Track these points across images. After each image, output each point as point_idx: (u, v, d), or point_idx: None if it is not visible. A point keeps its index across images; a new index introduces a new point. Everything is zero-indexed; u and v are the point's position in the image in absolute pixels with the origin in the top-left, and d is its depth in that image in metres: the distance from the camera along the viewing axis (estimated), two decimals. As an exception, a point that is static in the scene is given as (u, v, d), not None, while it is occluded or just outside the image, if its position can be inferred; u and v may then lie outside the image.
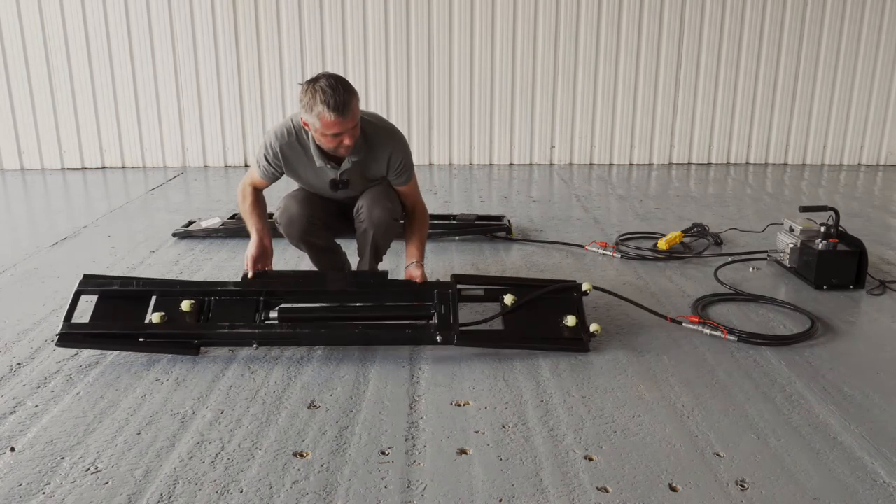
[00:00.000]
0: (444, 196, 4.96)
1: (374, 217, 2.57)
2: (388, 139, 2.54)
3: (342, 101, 2.23)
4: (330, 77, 2.28)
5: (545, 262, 3.45)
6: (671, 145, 6.26)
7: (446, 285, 2.49)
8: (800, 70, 6.08)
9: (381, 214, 2.57)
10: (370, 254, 2.67)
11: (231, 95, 5.89)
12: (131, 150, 5.98)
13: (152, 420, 1.99)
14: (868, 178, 5.77)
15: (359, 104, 2.35)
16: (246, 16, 5.72)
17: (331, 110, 2.22)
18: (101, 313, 2.41)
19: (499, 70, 5.95)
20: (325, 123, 2.26)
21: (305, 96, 2.27)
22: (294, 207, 2.61)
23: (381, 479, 1.73)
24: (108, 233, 3.96)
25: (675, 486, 1.70)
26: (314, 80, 2.28)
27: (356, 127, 2.35)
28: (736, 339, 2.50)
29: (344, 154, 2.44)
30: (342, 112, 2.24)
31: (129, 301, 2.45)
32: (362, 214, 2.60)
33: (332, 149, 2.40)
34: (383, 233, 2.62)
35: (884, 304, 2.92)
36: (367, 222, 2.58)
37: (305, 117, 2.32)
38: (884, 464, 1.79)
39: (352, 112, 2.27)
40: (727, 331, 2.52)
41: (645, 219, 4.33)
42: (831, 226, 3.10)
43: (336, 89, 2.24)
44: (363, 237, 2.65)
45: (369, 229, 2.59)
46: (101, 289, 2.47)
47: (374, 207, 2.57)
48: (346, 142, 2.34)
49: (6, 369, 2.30)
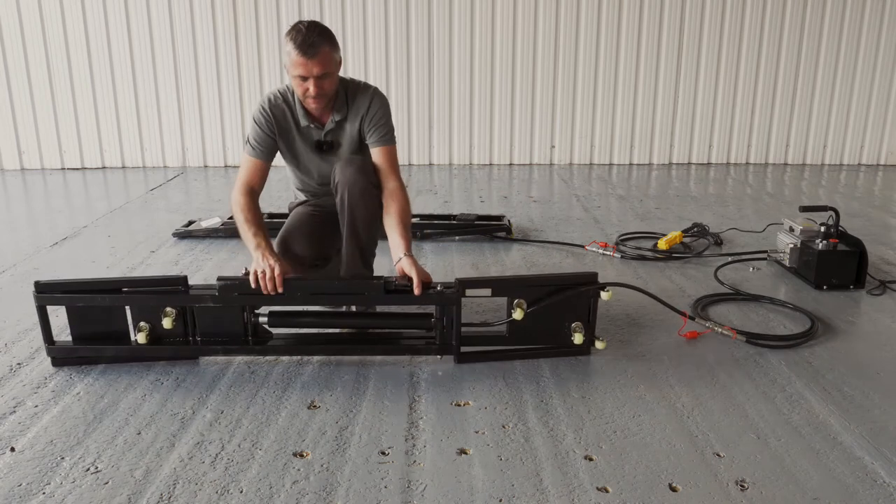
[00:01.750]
0: (444, 196, 4.96)
1: (347, 176, 2.40)
2: (366, 90, 2.49)
3: (309, 41, 2.21)
4: (312, 22, 2.28)
5: (545, 261, 3.45)
6: (671, 145, 6.26)
7: (451, 299, 2.27)
8: (800, 70, 6.08)
9: (353, 174, 2.40)
10: (347, 227, 2.47)
11: (231, 95, 5.89)
12: (131, 150, 5.98)
13: (152, 420, 1.99)
14: (868, 178, 5.77)
15: (334, 55, 2.30)
16: (246, 16, 5.72)
17: (296, 47, 2.22)
18: (79, 328, 2.27)
19: (499, 70, 5.95)
20: (292, 62, 2.25)
21: (285, 36, 2.28)
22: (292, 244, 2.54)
23: (381, 479, 1.73)
24: (108, 233, 3.96)
25: (675, 486, 1.70)
26: (299, 22, 2.29)
27: (326, 77, 2.30)
28: (744, 339, 2.49)
29: (313, 105, 2.39)
30: (307, 52, 2.22)
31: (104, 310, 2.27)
32: (335, 177, 2.45)
33: (300, 95, 2.36)
34: (359, 195, 2.41)
35: (884, 304, 2.92)
36: (341, 185, 2.41)
37: (284, 59, 2.32)
38: (884, 464, 1.79)
39: (319, 55, 2.24)
40: (736, 332, 2.50)
41: (645, 219, 4.33)
42: (831, 226, 3.10)
43: (310, 30, 2.23)
44: (341, 210, 2.48)
45: (344, 194, 2.42)
46: (67, 299, 2.24)
47: (347, 167, 2.43)
48: (310, 90, 2.29)
49: (6, 369, 2.30)
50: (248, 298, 2.27)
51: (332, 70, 2.31)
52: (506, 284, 2.36)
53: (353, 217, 2.45)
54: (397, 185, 2.46)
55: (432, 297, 2.27)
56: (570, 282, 2.32)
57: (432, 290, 2.27)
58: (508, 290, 2.32)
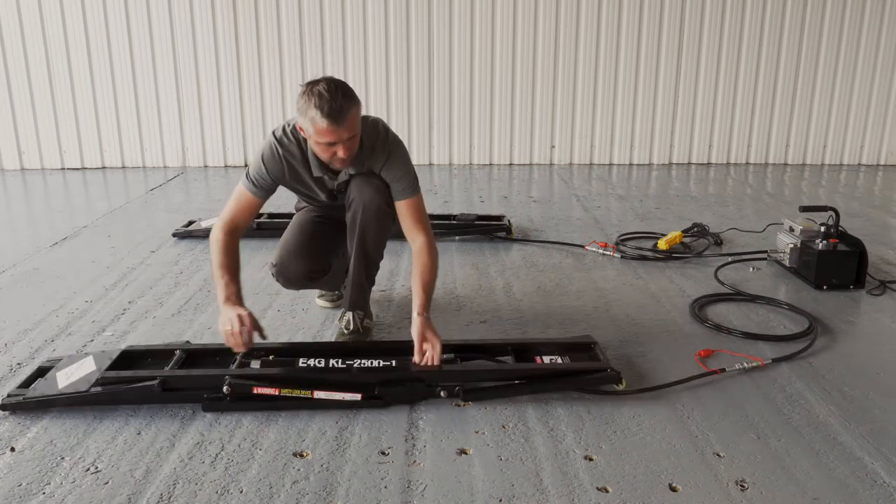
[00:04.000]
0: (444, 196, 4.96)
1: (366, 196, 2.32)
2: (383, 146, 2.32)
3: (338, 107, 2.03)
4: (330, 81, 2.07)
5: (545, 262, 3.45)
6: (671, 145, 6.26)
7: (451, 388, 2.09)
8: (800, 70, 6.08)
9: (371, 194, 2.32)
10: (357, 246, 2.39)
11: (231, 95, 5.89)
12: (131, 150, 5.98)
13: (152, 420, 1.99)
14: (868, 178, 5.78)
15: (359, 114, 2.13)
16: (246, 16, 5.72)
17: (324, 116, 2.02)
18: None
19: (499, 70, 5.95)
20: (318, 130, 2.06)
21: (301, 99, 2.07)
22: (291, 263, 2.44)
23: (381, 479, 1.73)
24: (108, 233, 3.96)
25: (675, 486, 1.70)
26: (314, 82, 2.09)
27: (353, 139, 2.13)
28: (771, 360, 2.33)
29: (340, 167, 2.26)
30: (336, 119, 2.03)
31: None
32: (352, 193, 2.35)
33: (326, 159, 2.19)
34: (374, 216, 2.34)
35: (884, 304, 2.92)
36: (357, 203, 2.34)
37: (300, 121, 2.12)
38: (884, 464, 1.79)
39: (348, 121, 2.06)
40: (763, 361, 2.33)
41: (645, 219, 4.33)
42: (831, 226, 3.10)
43: (334, 94, 2.03)
44: (351, 231, 2.41)
45: (358, 211, 2.34)
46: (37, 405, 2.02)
47: (365, 187, 2.32)
48: (339, 154, 2.12)
49: (6, 369, 2.30)
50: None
51: (358, 129, 2.16)
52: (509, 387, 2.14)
53: (363, 236, 2.39)
54: (425, 240, 2.32)
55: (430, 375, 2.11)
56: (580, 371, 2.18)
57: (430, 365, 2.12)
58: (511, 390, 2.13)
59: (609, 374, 2.15)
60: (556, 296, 2.99)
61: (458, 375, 2.14)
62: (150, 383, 2.04)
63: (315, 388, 2.04)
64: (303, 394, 2.03)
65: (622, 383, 2.14)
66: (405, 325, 2.66)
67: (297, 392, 2.03)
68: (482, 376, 2.17)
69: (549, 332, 2.61)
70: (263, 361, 2.19)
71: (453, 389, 2.08)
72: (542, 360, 2.25)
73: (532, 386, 2.14)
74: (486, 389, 2.12)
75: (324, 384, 2.07)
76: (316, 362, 2.17)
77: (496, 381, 2.15)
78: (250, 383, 2.04)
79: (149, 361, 2.22)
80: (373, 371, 2.13)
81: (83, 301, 2.90)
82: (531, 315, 2.78)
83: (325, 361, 2.17)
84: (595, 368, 2.18)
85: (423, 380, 2.09)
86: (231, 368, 2.13)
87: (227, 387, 2.01)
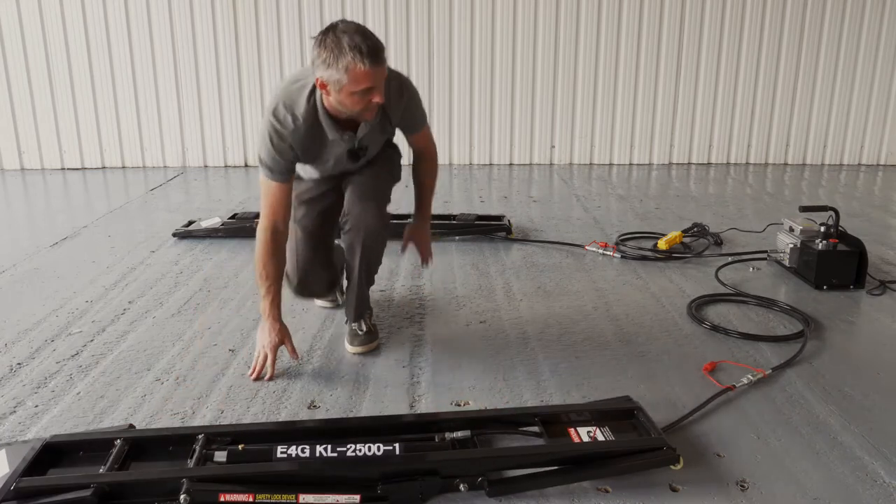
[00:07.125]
0: (444, 196, 4.96)
1: (368, 223, 2.25)
2: (398, 92, 2.19)
3: (373, 45, 1.85)
4: (348, 23, 1.88)
5: (545, 262, 3.45)
6: (671, 145, 6.26)
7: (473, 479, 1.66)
8: (800, 70, 6.08)
9: (372, 221, 2.25)
10: (359, 267, 2.34)
11: (231, 95, 5.89)
12: (131, 150, 5.98)
13: (152, 420, 1.99)
14: (868, 178, 5.77)
15: None
16: (246, 16, 5.71)
17: (365, 58, 1.82)
18: None
19: (499, 70, 5.95)
20: (357, 76, 1.85)
21: (325, 50, 1.85)
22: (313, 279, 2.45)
23: (381, 479, 1.72)
24: (108, 233, 3.96)
25: (675, 486, 1.70)
26: (329, 30, 1.88)
27: (386, 78, 1.99)
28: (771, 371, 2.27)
29: (370, 117, 2.06)
30: (376, 59, 1.85)
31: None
32: (350, 222, 2.28)
33: (357, 111, 1.99)
34: (374, 240, 2.31)
35: (884, 304, 2.92)
36: (354, 231, 2.27)
37: (326, 75, 1.89)
38: (884, 464, 1.79)
39: (384, 59, 1.91)
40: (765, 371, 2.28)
41: (645, 219, 4.33)
42: (831, 226, 3.10)
43: (364, 34, 1.85)
44: (351, 251, 2.32)
45: (356, 243, 2.28)
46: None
47: (365, 211, 2.25)
48: (375, 99, 1.94)
49: (6, 369, 2.30)
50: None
51: None
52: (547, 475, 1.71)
53: (368, 257, 2.33)
54: (433, 151, 2.55)
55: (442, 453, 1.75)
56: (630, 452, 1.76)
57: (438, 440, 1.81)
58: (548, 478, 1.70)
59: (666, 454, 1.72)
60: (556, 296, 2.99)
61: (481, 463, 1.70)
62: (82, 494, 1.52)
63: (300, 489, 1.60)
64: (285, 499, 1.60)
65: (679, 463, 1.73)
66: (405, 325, 2.67)
67: (276, 497, 1.59)
68: (511, 463, 1.73)
69: (549, 331, 2.61)
70: (231, 452, 1.69)
71: (475, 481, 1.65)
72: (577, 433, 1.82)
73: (573, 475, 1.71)
74: (517, 480, 1.69)
75: (311, 483, 1.64)
76: (299, 451, 1.67)
77: (528, 466, 1.71)
78: (215, 488, 1.57)
79: (80, 456, 1.72)
80: (372, 462, 1.66)
81: (83, 301, 2.90)
82: (531, 315, 2.78)
83: (309, 450, 1.68)
84: (648, 447, 1.75)
85: (437, 471, 1.65)
86: (189, 465, 1.65)
87: (185, 494, 1.53)
